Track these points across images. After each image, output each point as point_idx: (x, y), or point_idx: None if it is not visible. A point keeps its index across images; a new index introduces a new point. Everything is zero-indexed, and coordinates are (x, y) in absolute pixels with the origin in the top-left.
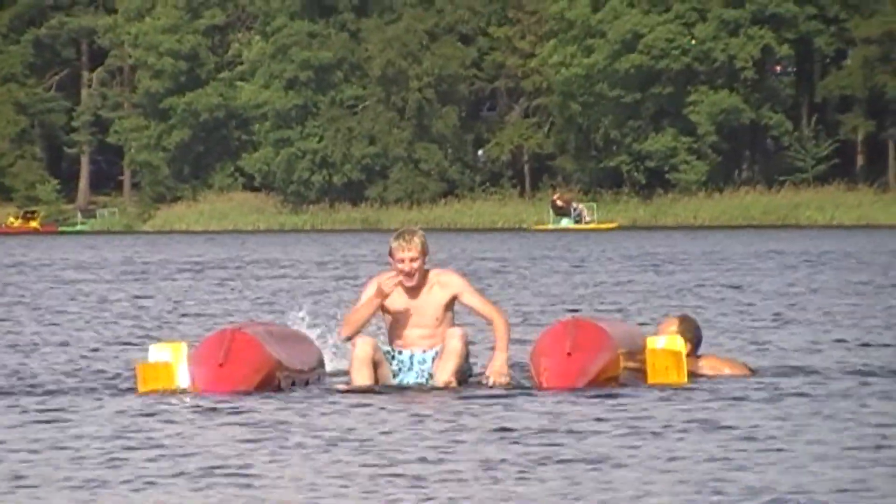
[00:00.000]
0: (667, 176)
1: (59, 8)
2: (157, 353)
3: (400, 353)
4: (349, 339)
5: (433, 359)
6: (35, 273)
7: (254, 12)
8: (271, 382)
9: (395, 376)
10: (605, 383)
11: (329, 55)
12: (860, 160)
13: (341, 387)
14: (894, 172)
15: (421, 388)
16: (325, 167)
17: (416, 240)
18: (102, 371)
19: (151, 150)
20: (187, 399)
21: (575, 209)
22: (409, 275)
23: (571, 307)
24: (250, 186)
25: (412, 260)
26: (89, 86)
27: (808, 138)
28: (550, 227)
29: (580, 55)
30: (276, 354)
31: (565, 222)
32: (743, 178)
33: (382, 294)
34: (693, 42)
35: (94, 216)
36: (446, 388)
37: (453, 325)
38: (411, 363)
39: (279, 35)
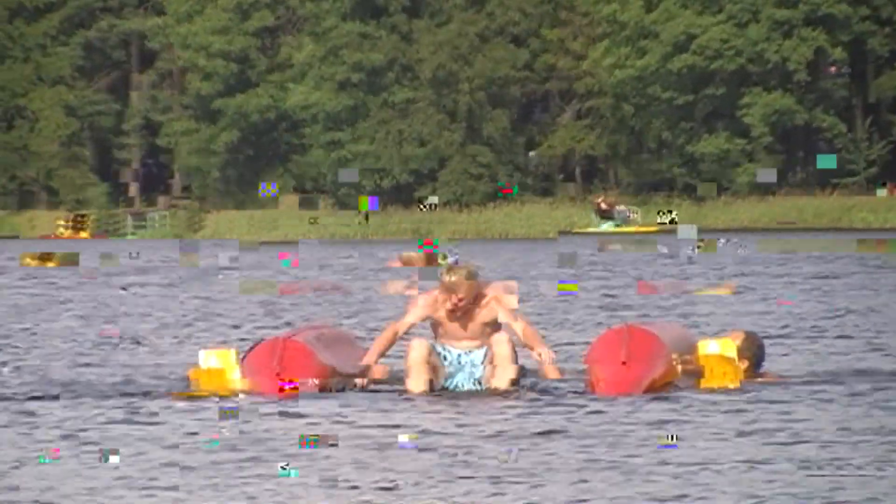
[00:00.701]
0: (719, 178)
1: (109, 10)
2: (208, 359)
3: (449, 351)
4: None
5: (482, 361)
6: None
7: (304, 14)
8: (325, 388)
9: (448, 378)
10: (660, 389)
11: (380, 57)
12: None
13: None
14: None
15: (478, 393)
16: (375, 170)
17: (466, 284)
18: (162, 375)
19: (201, 153)
20: (244, 402)
21: (620, 212)
22: (454, 312)
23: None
24: (301, 190)
25: (460, 300)
26: (139, 89)
27: (861, 140)
28: (591, 230)
29: (633, 56)
30: (327, 360)
31: (606, 226)
32: (797, 180)
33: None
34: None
35: (145, 220)
36: (506, 392)
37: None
38: (460, 363)
39: (330, 36)
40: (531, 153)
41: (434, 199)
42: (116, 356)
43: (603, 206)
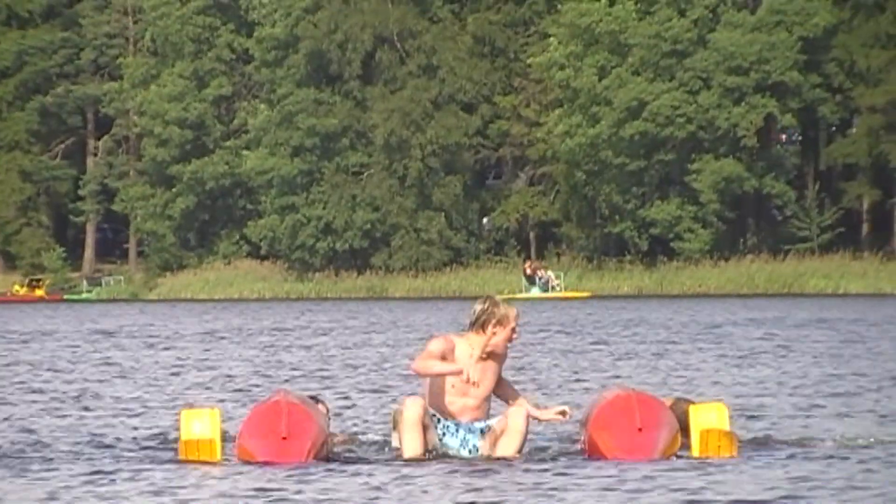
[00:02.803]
0: (671, 244)
1: (65, 76)
2: (193, 420)
3: (446, 419)
4: (416, 373)
5: (481, 431)
6: (45, 341)
7: (259, 80)
8: (321, 452)
9: (440, 440)
10: (668, 456)
11: (334, 122)
12: (865, 228)
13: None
14: None
15: (476, 458)
16: (329, 234)
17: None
18: (143, 437)
19: (157, 218)
20: (252, 470)
21: (541, 277)
22: (505, 344)
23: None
24: (256, 254)
25: (514, 330)
26: (95, 154)
27: (812, 207)
28: (521, 296)
29: (585, 124)
30: (321, 423)
31: (533, 291)
32: (748, 247)
33: (460, 374)
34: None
35: (100, 284)
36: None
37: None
38: (457, 430)
39: (285, 103)
40: (485, 219)
41: None
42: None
43: (527, 270)
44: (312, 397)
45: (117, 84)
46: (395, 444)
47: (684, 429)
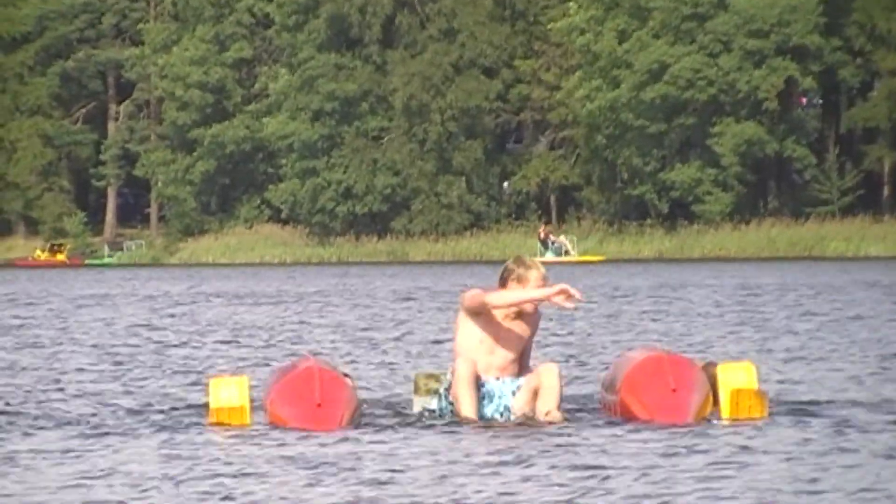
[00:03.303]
0: (691, 207)
1: (86, 41)
2: (222, 388)
3: (486, 382)
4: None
5: (513, 392)
6: (73, 303)
7: (280, 45)
8: (354, 419)
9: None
10: (701, 417)
11: (354, 87)
12: (886, 191)
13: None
14: None
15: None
16: (349, 198)
17: (544, 270)
18: (173, 403)
19: (178, 182)
20: (289, 436)
21: (553, 242)
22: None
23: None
24: (276, 219)
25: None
26: (116, 119)
27: (833, 170)
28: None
29: (606, 87)
30: (353, 391)
31: (548, 255)
32: (769, 210)
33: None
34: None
35: (121, 249)
36: (551, 423)
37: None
38: (492, 393)
39: (305, 67)
40: (505, 183)
41: None
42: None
43: (541, 235)
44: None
45: (138, 49)
46: (416, 408)
47: (714, 391)
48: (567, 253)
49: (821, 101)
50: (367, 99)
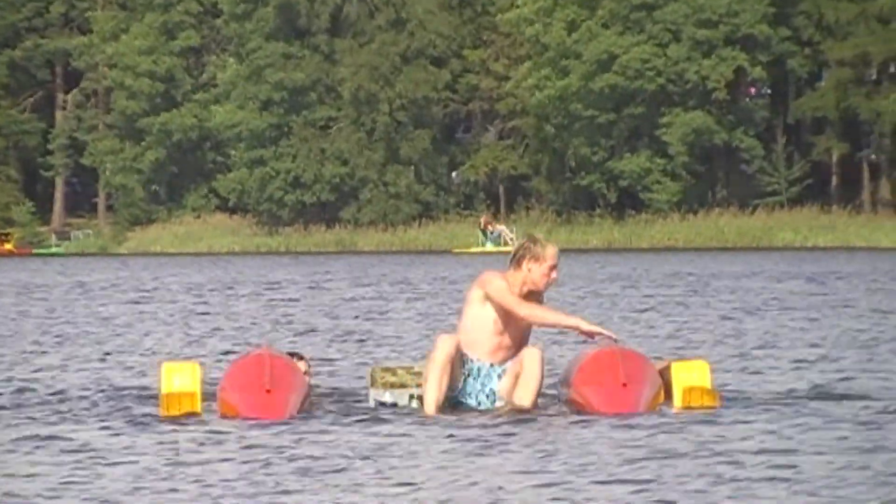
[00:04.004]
0: (640, 197)
1: (34, 29)
2: (174, 374)
3: (472, 361)
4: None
5: (499, 376)
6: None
7: (228, 34)
8: (304, 407)
9: (464, 379)
10: (651, 411)
11: (303, 76)
12: (834, 182)
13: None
14: (869, 194)
15: (489, 410)
16: (297, 187)
17: (557, 249)
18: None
19: (126, 172)
20: (233, 426)
21: (492, 231)
22: (548, 284)
23: None
24: (225, 208)
25: (553, 268)
26: (64, 108)
27: (781, 160)
28: (475, 249)
29: (555, 77)
30: (304, 378)
31: (488, 245)
32: (717, 200)
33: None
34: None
35: (69, 238)
36: (518, 411)
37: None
38: (479, 372)
39: (254, 56)
40: (454, 173)
41: None
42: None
43: (482, 224)
44: (293, 353)
45: (87, 38)
46: (371, 401)
47: (667, 388)
48: (506, 242)
49: (769, 92)
50: (315, 88)
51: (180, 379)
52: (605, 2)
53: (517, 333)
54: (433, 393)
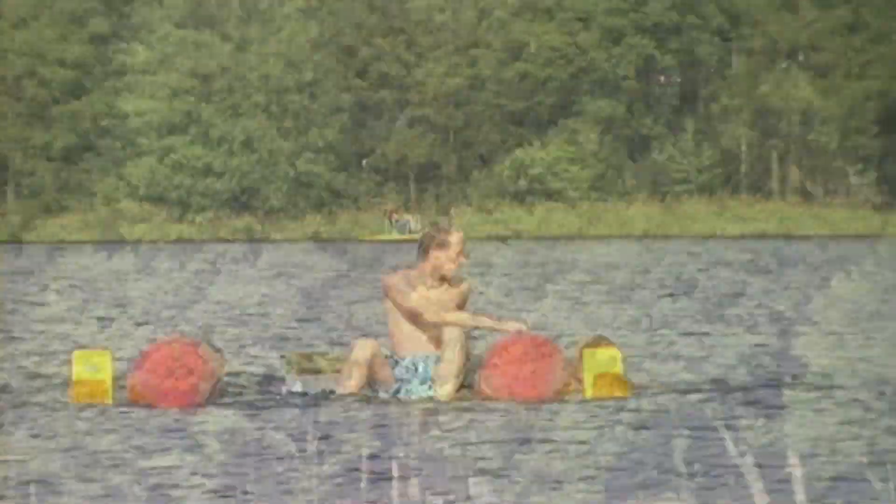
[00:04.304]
0: (551, 185)
1: None
2: (85, 361)
3: (404, 359)
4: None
5: (435, 363)
6: None
7: (138, 22)
8: (216, 394)
9: (400, 381)
10: (559, 397)
11: (213, 64)
12: (743, 169)
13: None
14: (778, 181)
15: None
16: (209, 175)
17: (462, 235)
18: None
19: (37, 159)
20: (141, 413)
21: (397, 220)
22: (451, 268)
23: None
24: (135, 196)
25: (459, 253)
26: None
27: (691, 148)
28: (381, 237)
29: (465, 65)
30: (215, 365)
31: (394, 233)
32: (628, 188)
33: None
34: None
35: None
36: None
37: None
38: (412, 366)
39: (164, 44)
40: (364, 161)
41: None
42: None
43: (387, 213)
44: (206, 341)
45: None
46: (286, 387)
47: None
48: (411, 231)
49: (679, 80)
50: (225, 76)
51: (91, 366)
52: None
53: (448, 299)
54: (350, 380)
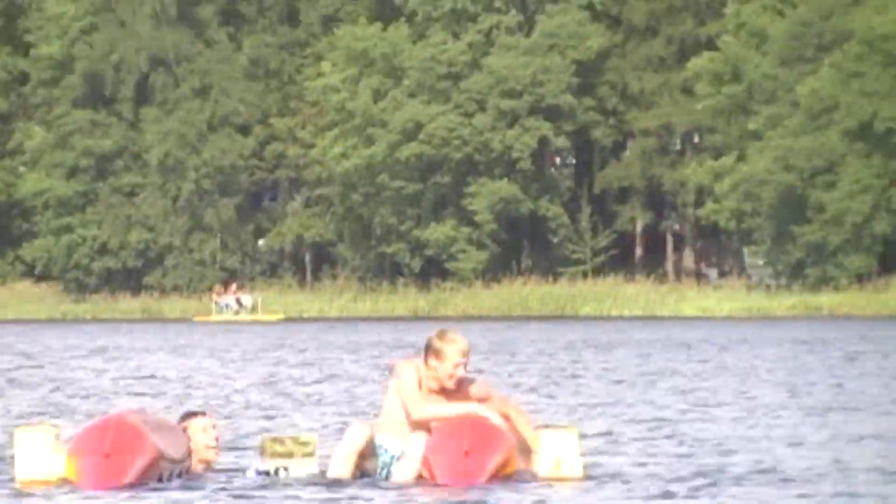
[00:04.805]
0: (445, 265)
1: None
2: (24, 439)
3: (386, 450)
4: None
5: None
6: None
7: (36, 101)
8: (155, 473)
9: (385, 468)
10: (500, 478)
11: (110, 143)
12: (638, 251)
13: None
14: (672, 263)
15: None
16: (104, 254)
17: (465, 344)
18: None
19: None
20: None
21: (224, 305)
22: (448, 384)
23: None
24: (31, 275)
25: (456, 366)
26: None
27: (586, 230)
28: (213, 318)
29: (361, 145)
30: (158, 443)
31: (224, 313)
32: (522, 269)
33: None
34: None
35: None
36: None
37: None
38: (392, 461)
39: (61, 123)
40: (260, 241)
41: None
42: None
43: (214, 296)
44: (193, 413)
45: None
46: (253, 470)
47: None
48: (237, 312)
49: (574, 161)
50: (122, 155)
51: (36, 445)
52: (411, 71)
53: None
54: (339, 465)
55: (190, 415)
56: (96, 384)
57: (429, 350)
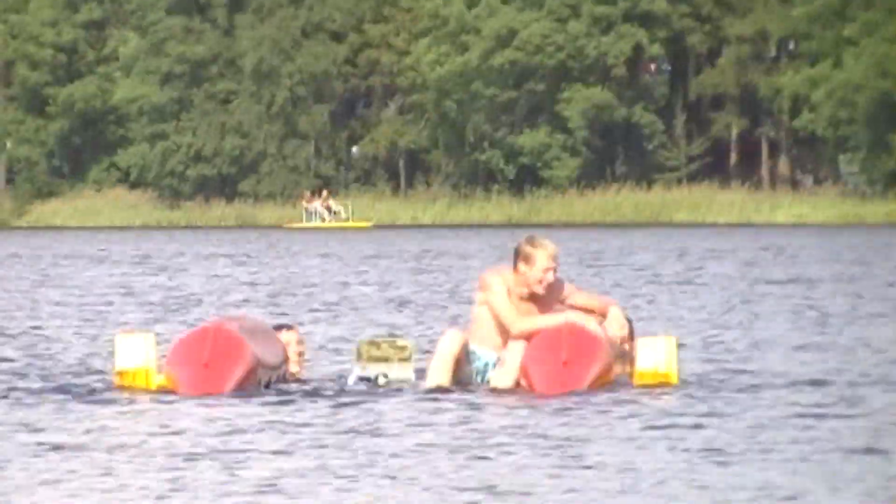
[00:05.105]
0: (539, 172)
1: None
2: (128, 346)
3: (479, 357)
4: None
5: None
6: None
7: (130, 8)
8: (254, 380)
9: (478, 375)
10: (597, 387)
11: (203, 50)
12: (733, 158)
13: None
14: (767, 170)
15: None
16: (198, 161)
17: (554, 249)
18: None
19: (30, 144)
20: (177, 403)
21: (312, 211)
22: (538, 289)
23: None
24: (126, 182)
25: (546, 270)
26: None
27: (680, 137)
28: (297, 225)
29: (455, 53)
30: (256, 350)
31: (314, 220)
32: (616, 176)
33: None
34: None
35: None
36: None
37: None
38: (486, 369)
39: (154, 30)
40: (353, 148)
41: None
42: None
43: (304, 203)
44: (282, 325)
45: None
46: (355, 376)
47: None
48: (323, 219)
49: (669, 68)
50: (216, 62)
51: (134, 352)
52: None
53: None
54: (437, 372)
55: (279, 328)
56: (208, 288)
57: (518, 255)
